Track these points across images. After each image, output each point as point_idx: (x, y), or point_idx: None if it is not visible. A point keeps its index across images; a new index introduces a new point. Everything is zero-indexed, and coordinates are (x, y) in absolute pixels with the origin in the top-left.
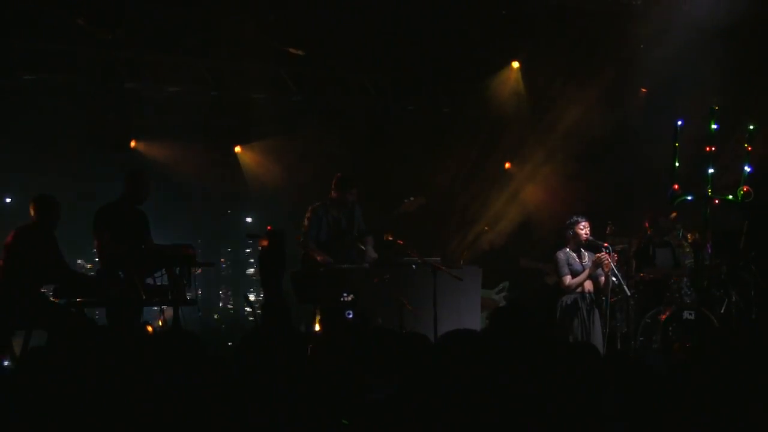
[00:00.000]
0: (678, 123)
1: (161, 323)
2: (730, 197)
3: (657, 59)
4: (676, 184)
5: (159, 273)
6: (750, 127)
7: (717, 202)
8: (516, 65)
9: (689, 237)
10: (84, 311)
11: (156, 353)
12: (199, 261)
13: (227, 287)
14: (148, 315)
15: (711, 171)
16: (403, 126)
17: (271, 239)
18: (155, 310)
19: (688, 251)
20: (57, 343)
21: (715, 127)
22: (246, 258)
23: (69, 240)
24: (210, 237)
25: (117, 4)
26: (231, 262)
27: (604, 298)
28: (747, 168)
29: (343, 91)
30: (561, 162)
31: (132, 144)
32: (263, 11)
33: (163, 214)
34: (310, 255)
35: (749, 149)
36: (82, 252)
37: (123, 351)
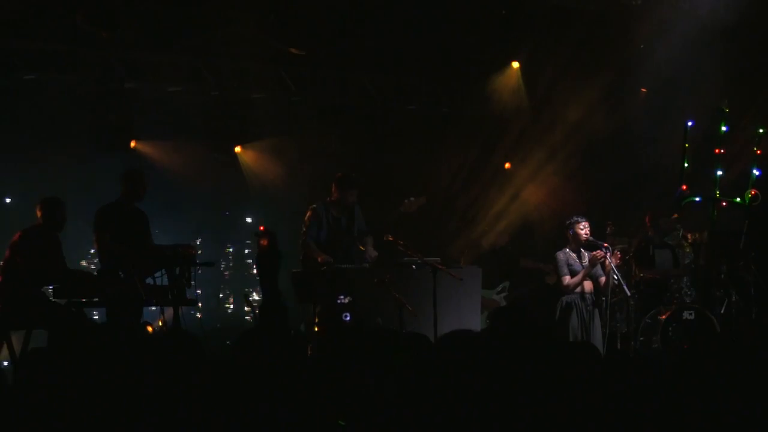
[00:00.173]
0: (688, 124)
1: (161, 323)
2: (738, 200)
3: (657, 59)
4: (684, 184)
5: (159, 273)
6: (760, 131)
7: (725, 204)
8: (516, 65)
9: (689, 237)
10: (84, 311)
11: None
12: (199, 261)
13: (227, 287)
14: (148, 315)
15: (719, 173)
16: (403, 126)
17: (270, 239)
18: (155, 310)
19: (688, 251)
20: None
21: (725, 129)
22: (246, 258)
23: (69, 240)
24: (210, 237)
25: (117, 3)
26: (231, 262)
27: (604, 298)
28: (756, 171)
29: (343, 91)
30: (561, 162)
31: (132, 144)
32: (263, 11)
33: (163, 214)
34: (310, 255)
35: (758, 152)
36: (82, 252)
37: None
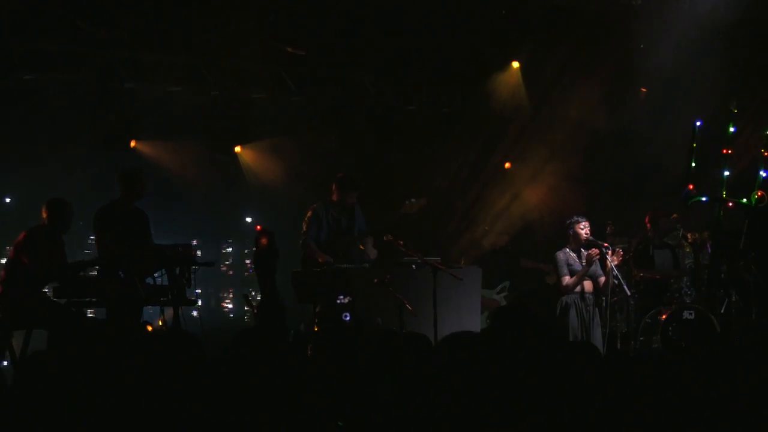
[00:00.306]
0: (696, 124)
1: (161, 323)
2: (744, 201)
3: (657, 59)
4: (691, 184)
5: (159, 273)
6: (767, 133)
7: (731, 204)
8: (516, 65)
9: (689, 237)
10: (84, 311)
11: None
12: (199, 261)
13: (227, 287)
14: (148, 315)
15: (726, 173)
16: (403, 126)
17: (269, 238)
18: (155, 310)
19: (688, 251)
20: (57, 343)
21: (733, 130)
22: (245, 258)
23: (69, 240)
24: (210, 237)
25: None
26: (231, 262)
27: (604, 298)
28: (763, 173)
29: (343, 91)
30: (561, 162)
31: (132, 144)
32: (263, 11)
33: (163, 214)
34: (310, 255)
35: (766, 154)
36: (82, 252)
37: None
